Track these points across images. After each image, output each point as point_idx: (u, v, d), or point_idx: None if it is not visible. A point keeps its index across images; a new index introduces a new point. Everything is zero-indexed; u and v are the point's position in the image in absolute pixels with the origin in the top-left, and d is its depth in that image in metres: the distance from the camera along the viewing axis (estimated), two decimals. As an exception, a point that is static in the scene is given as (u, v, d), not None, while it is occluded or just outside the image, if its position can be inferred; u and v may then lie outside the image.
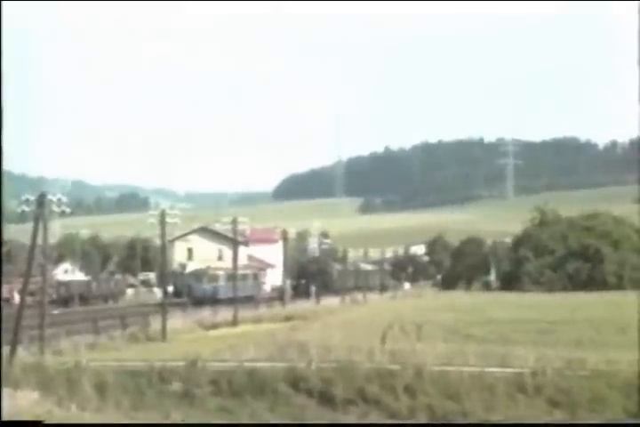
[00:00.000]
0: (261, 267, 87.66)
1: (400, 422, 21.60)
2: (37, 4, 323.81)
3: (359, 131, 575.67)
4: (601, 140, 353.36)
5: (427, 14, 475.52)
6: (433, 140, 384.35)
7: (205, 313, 50.23)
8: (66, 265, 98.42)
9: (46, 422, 12.76)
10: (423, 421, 21.56)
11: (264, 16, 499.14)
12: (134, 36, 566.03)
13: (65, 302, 64.05)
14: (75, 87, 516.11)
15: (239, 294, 60.93)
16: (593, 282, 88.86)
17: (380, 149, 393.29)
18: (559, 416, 21.77)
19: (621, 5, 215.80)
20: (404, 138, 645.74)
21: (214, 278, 69.26)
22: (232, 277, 60.92)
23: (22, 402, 22.45)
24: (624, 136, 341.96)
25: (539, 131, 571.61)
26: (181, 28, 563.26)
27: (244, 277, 73.72)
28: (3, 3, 23.33)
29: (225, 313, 49.36)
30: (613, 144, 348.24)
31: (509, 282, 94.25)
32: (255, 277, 78.84)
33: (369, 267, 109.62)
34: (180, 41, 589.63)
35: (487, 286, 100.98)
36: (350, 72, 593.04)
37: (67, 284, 68.82)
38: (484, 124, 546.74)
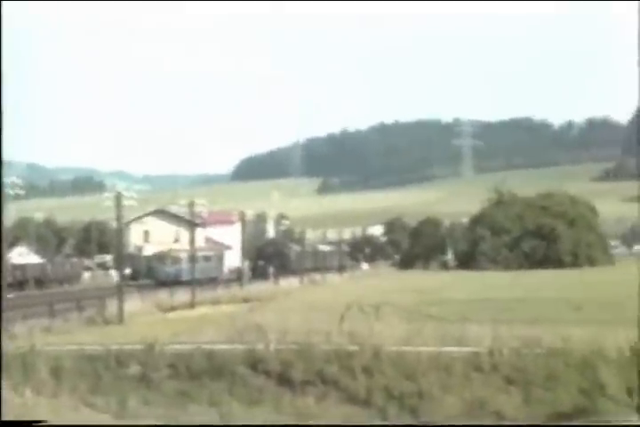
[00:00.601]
0: (219, 249, 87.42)
1: (400, 422, 21.64)
2: (37, 3, 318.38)
3: (317, 112, 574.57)
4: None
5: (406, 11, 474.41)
6: (390, 120, 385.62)
7: (163, 295, 49.91)
8: (21, 248, 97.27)
9: (46, 423, 12.68)
10: (421, 421, 21.62)
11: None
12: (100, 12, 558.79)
13: (20, 285, 63.33)
14: (32, 69, 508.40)
15: (202, 275, 62.49)
16: (549, 260, 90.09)
17: (337, 130, 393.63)
18: (515, 394, 21.97)
19: (621, 5, 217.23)
20: (361, 119, 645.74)
21: (177, 260, 69.04)
22: (195, 259, 61.03)
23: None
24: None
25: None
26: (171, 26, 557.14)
27: (207, 258, 74.36)
28: (3, 3, 22.84)
29: (182, 295, 49.08)
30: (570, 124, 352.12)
31: (466, 261, 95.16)
32: (218, 258, 78.84)
33: (327, 248, 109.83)
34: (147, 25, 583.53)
35: (444, 266, 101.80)
36: (308, 54, 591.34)
37: (22, 267, 68.02)
38: (442, 104, 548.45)
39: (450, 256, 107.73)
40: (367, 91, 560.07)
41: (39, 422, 16.37)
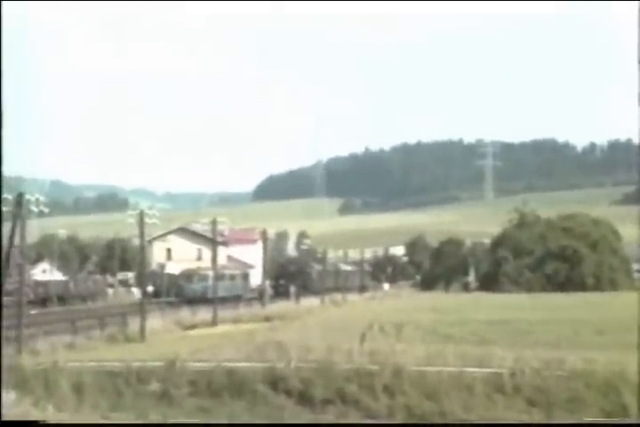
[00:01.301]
0: (243, 267, 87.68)
1: (400, 422, 21.60)
2: (37, 3, 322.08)
3: (339, 131, 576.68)
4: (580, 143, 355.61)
5: (413, 14, 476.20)
6: (412, 141, 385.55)
7: (185, 313, 50.07)
8: (44, 265, 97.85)
9: (46, 422, 12.72)
10: (419, 421, 21.58)
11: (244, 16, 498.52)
12: (125, 34, 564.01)
13: (43, 302, 63.62)
14: (55, 86, 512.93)
15: (228, 293, 65.04)
16: (571, 283, 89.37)
17: (359, 150, 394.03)
18: (537, 416, 21.86)
19: (621, 5, 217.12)
20: (383, 139, 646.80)
21: (204, 278, 69.41)
22: (221, 277, 64.04)
23: (-1, 402, 22.27)
24: (603, 138, 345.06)
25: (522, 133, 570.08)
26: (174, 28, 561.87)
27: (233, 277, 75.48)
28: (3, 3, 23.18)
29: (204, 313, 49.21)
30: (592, 146, 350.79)
31: (488, 283, 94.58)
32: (244, 276, 79.23)
33: (348, 268, 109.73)
34: (166, 40, 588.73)
35: (466, 287, 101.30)
36: (330, 72, 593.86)
37: (44, 284, 68.36)
38: (464, 125, 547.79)
39: (472, 277, 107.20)
40: (390, 110, 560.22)
41: (39, 422, 16.40)
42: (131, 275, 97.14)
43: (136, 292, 72.84)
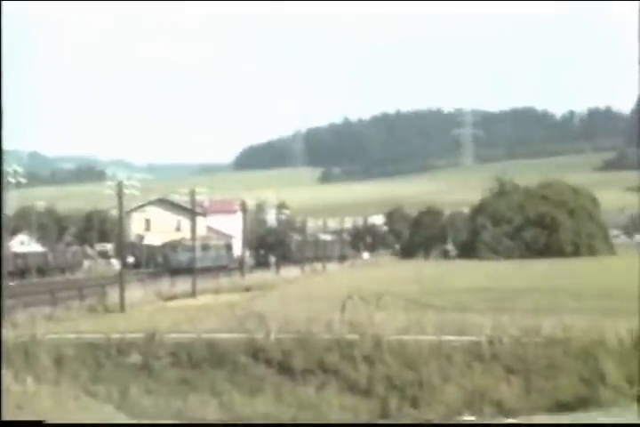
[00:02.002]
0: (227, 237, 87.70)
1: (400, 422, 21.67)
2: (37, 3, 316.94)
3: (319, 102, 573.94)
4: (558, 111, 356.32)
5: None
6: (391, 110, 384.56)
7: (164, 284, 49.93)
8: (22, 237, 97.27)
9: (46, 422, 12.73)
10: (419, 420, 21.62)
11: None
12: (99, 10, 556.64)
13: (21, 273, 63.38)
14: (34, 57, 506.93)
15: (214, 263, 67.14)
16: (549, 250, 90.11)
17: (338, 120, 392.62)
18: (515, 383, 22.02)
19: (621, 5, 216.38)
20: (362, 109, 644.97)
21: (189, 249, 69.66)
22: (206, 247, 67.00)
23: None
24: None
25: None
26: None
27: (218, 247, 76.14)
28: (3, 3, 22.77)
29: (184, 284, 49.09)
30: (571, 114, 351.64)
31: (467, 250, 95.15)
32: (228, 247, 79.35)
33: (328, 237, 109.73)
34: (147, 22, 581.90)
35: (445, 255, 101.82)
36: (310, 44, 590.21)
37: (23, 255, 68.04)
38: (443, 95, 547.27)
39: (450, 246, 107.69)
40: (369, 81, 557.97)
41: (39, 422, 16.36)
42: (110, 246, 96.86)
43: (115, 263, 72.68)
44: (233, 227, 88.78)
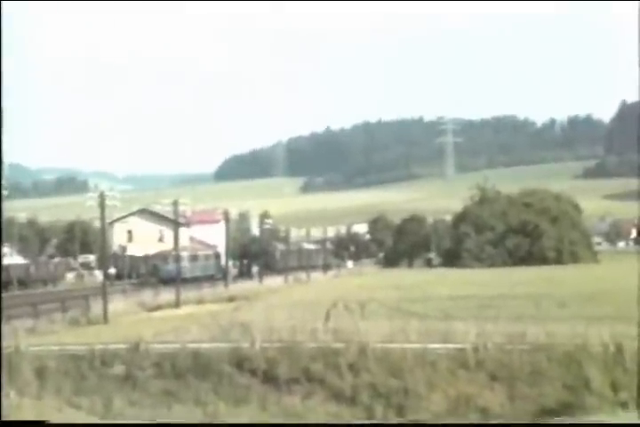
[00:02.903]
0: (213, 247, 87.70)
1: (401, 422, 21.64)
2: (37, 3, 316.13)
3: (300, 111, 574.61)
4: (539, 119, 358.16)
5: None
6: (373, 119, 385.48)
7: (147, 295, 49.74)
8: (4, 249, 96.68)
9: (47, 423, 12.63)
10: (421, 419, 21.63)
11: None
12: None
13: (3, 286, 62.90)
14: (14, 69, 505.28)
15: (203, 273, 70.04)
16: (532, 257, 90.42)
17: (320, 129, 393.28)
18: (499, 390, 22.03)
19: (621, 5, 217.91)
20: (344, 118, 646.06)
21: (179, 259, 70.03)
22: (195, 257, 69.94)
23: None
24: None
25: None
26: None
27: (207, 257, 77.51)
28: (3, 3, 22.69)
29: (167, 295, 48.93)
30: (552, 122, 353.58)
31: (450, 258, 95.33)
32: (216, 257, 79.46)
33: (311, 246, 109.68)
34: (136, 26, 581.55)
35: (429, 263, 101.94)
36: (291, 53, 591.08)
37: (5, 268, 67.57)
38: (424, 103, 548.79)
39: (434, 254, 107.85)
40: (350, 89, 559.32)
41: (40, 422, 16.26)
42: (92, 257, 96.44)
43: (98, 274, 72.37)
44: (216, 237, 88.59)
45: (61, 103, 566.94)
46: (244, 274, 75.08)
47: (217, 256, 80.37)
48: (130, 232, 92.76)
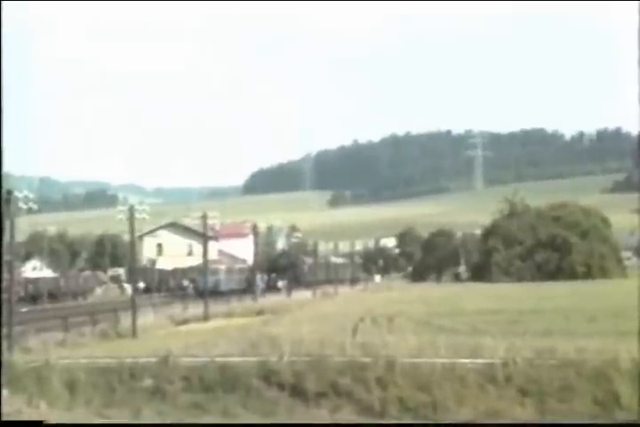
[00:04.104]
0: (243, 262, 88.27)
1: (400, 422, 21.60)
2: (37, 3, 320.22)
3: (327, 125, 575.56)
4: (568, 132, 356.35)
5: (403, 14, 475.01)
6: (401, 132, 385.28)
7: (176, 309, 50.05)
8: (34, 262, 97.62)
9: (47, 422, 12.72)
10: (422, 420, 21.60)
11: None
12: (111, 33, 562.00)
13: (33, 299, 63.48)
14: (45, 82, 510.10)
15: (238, 286, 72.03)
16: (561, 272, 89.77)
17: (348, 143, 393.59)
18: (529, 406, 21.91)
19: (621, 5, 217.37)
20: (372, 131, 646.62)
21: (216, 272, 71.35)
22: (230, 271, 73.74)
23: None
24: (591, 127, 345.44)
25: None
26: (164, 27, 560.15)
27: (241, 270, 78.79)
28: (3, 3, 23.07)
29: (196, 309, 49.18)
30: (580, 135, 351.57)
31: (479, 273, 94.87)
32: (250, 271, 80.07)
33: (339, 260, 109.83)
34: (153, 40, 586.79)
35: (457, 278, 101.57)
36: (317, 66, 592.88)
37: (35, 281, 68.22)
38: (452, 116, 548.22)
39: (462, 268, 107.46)
40: (379, 102, 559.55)
41: (39, 422, 16.38)
42: (122, 271, 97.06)
43: (128, 288, 72.82)
44: (244, 250, 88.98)
45: (90, 116, 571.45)
46: (273, 288, 75.31)
47: (252, 270, 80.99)
48: (159, 246, 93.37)
